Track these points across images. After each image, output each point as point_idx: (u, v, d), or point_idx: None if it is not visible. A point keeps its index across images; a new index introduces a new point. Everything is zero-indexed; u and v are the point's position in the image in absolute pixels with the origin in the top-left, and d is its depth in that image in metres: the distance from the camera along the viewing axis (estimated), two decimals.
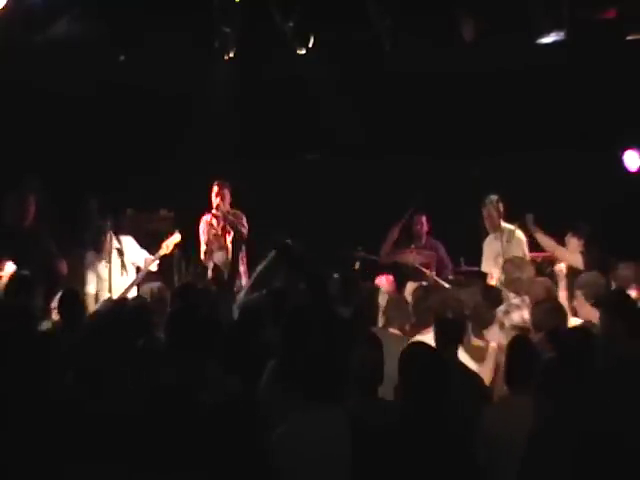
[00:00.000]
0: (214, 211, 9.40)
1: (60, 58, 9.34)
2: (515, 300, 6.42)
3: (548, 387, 4.26)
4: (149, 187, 9.82)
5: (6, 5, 8.15)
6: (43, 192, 9.25)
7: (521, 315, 6.13)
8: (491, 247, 8.98)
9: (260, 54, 9.93)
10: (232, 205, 9.42)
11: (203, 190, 9.61)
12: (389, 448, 3.92)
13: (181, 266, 9.59)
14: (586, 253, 8.19)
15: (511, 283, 7.09)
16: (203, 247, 9.43)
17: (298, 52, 9.65)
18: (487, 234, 9.10)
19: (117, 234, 8.64)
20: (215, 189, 9.36)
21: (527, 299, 6.36)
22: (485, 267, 9.02)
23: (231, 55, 9.82)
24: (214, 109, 10.29)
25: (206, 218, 9.48)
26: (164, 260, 8.78)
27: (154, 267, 8.61)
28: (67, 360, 4.72)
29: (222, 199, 9.33)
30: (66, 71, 9.52)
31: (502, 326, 6.07)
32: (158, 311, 6.46)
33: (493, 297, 6.57)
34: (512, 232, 8.80)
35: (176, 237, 8.65)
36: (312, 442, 3.96)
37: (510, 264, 7.46)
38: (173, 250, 8.73)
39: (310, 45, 9.57)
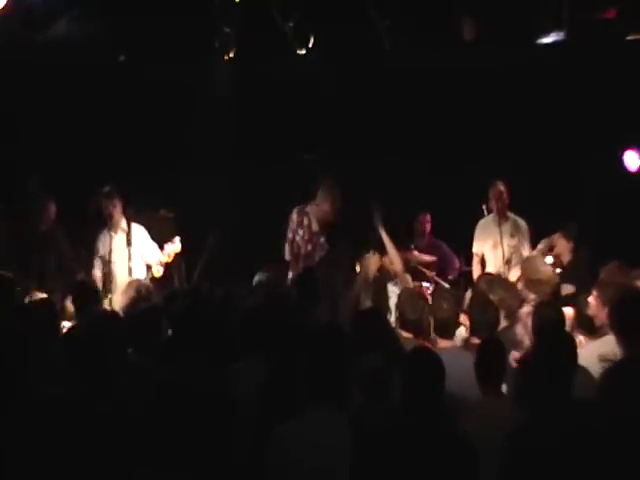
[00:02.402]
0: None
1: (60, 58, 9.34)
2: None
3: (526, 388, 4.29)
4: (149, 187, 9.81)
5: (6, 5, 8.14)
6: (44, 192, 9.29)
7: None
8: (488, 230, 8.82)
9: (260, 54, 9.92)
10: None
11: (202, 190, 9.60)
12: (389, 454, 3.90)
13: (181, 266, 9.58)
14: (575, 252, 8.18)
15: (531, 284, 6.77)
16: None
17: (298, 52, 9.66)
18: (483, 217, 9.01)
19: (129, 221, 8.60)
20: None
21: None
22: (477, 249, 8.88)
23: (231, 55, 9.83)
24: (214, 109, 10.30)
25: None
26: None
27: (158, 273, 8.51)
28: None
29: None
30: (66, 71, 9.53)
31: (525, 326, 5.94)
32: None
33: None
34: (515, 222, 8.72)
35: (177, 247, 8.51)
36: (308, 443, 3.93)
37: (528, 264, 7.16)
38: (174, 259, 8.62)
39: (310, 45, 9.59)
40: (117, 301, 7.80)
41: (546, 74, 9.78)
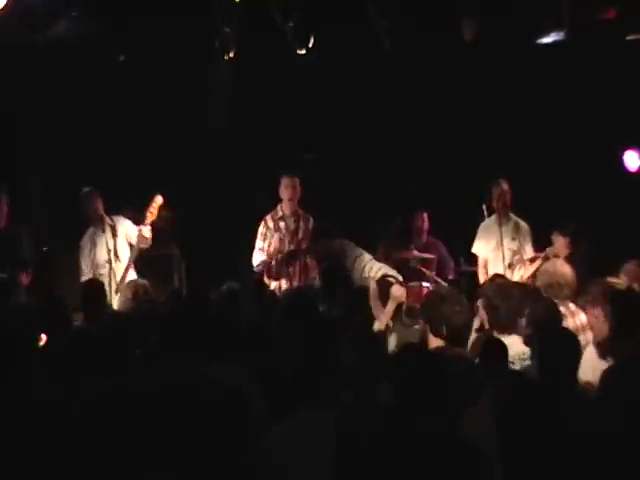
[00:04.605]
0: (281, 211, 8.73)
1: (60, 58, 9.35)
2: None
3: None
4: (149, 187, 9.81)
5: (6, 5, 8.14)
6: (42, 191, 9.29)
7: (565, 323, 6.05)
8: (490, 232, 8.75)
9: (260, 54, 9.92)
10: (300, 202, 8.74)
11: (202, 190, 9.59)
12: (373, 457, 3.87)
13: (181, 266, 9.58)
14: (573, 250, 8.17)
15: (550, 288, 6.53)
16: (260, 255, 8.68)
17: (298, 52, 9.66)
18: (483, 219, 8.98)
19: (108, 214, 8.44)
20: (284, 184, 8.68)
21: (571, 305, 6.30)
22: (479, 250, 8.81)
23: (231, 55, 9.83)
24: (214, 109, 10.30)
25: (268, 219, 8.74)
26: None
27: (148, 234, 8.28)
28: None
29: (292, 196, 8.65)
30: (66, 71, 9.53)
31: None
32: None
33: None
34: (517, 224, 8.69)
35: (158, 200, 8.34)
36: (297, 445, 3.90)
37: (546, 269, 6.85)
38: (159, 213, 8.42)
39: (310, 45, 9.59)
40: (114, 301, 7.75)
41: (546, 74, 9.77)
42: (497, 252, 8.64)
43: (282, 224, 8.69)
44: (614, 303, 5.34)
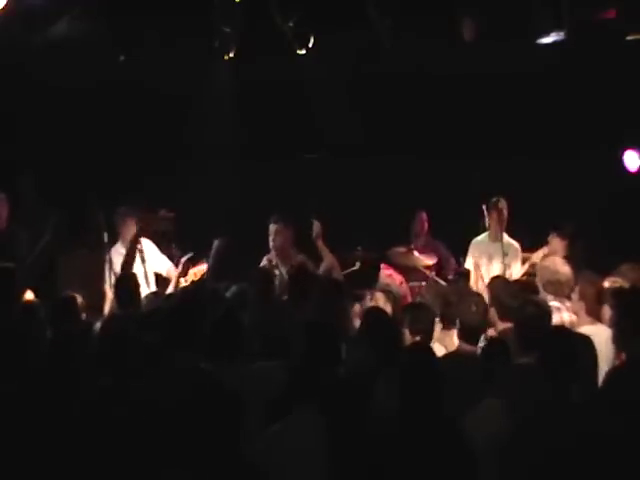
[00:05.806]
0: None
1: (60, 58, 9.35)
2: (553, 302, 6.32)
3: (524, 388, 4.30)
4: (149, 187, 9.82)
5: (6, 5, 8.14)
6: (40, 193, 9.28)
7: (560, 317, 6.08)
8: (482, 247, 8.76)
9: (260, 54, 9.93)
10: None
11: (202, 190, 9.59)
12: (385, 454, 3.87)
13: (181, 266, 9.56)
14: (570, 251, 8.16)
15: (550, 285, 6.59)
16: None
17: (298, 52, 9.67)
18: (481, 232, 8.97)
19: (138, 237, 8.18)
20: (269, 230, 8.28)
21: (566, 301, 6.31)
22: (470, 266, 8.83)
23: (231, 55, 9.83)
24: (214, 109, 10.30)
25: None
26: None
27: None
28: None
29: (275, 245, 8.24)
30: (66, 71, 9.53)
31: None
32: None
33: None
34: (508, 244, 8.68)
35: (203, 267, 8.24)
36: (290, 445, 3.91)
37: (546, 266, 6.88)
38: (200, 278, 8.19)
39: (310, 45, 9.59)
40: None
41: (546, 74, 9.77)
42: (489, 266, 8.66)
43: (276, 271, 8.18)
44: (618, 302, 5.35)
